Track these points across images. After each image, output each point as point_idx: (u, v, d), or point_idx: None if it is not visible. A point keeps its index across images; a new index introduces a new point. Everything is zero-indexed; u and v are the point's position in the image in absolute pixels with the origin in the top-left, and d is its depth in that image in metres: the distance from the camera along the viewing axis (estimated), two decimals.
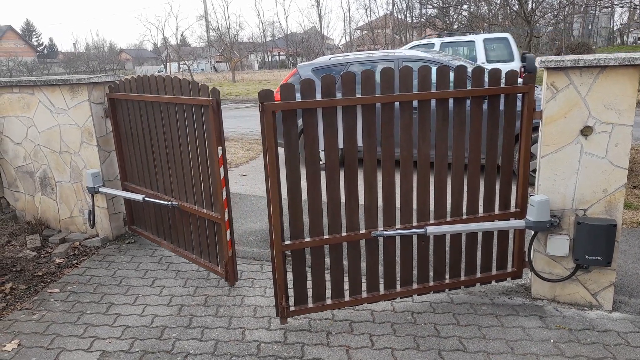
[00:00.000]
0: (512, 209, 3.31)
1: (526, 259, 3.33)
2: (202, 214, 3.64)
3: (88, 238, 4.56)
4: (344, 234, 3.01)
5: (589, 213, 3.02)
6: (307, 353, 2.79)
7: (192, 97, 3.42)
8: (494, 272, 3.39)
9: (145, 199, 4.04)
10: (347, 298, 3.14)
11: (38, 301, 3.52)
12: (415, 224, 3.12)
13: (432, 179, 5.29)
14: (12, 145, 4.79)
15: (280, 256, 2.89)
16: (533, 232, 3.12)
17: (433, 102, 4.39)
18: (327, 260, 3.77)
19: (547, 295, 3.24)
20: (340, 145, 2.89)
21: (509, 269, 3.41)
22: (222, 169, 3.35)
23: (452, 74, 4.87)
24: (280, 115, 2.80)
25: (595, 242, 2.94)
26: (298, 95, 7.18)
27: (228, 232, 3.47)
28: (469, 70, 5.62)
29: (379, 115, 3.22)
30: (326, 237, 2.98)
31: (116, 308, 3.38)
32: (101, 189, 4.24)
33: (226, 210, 3.42)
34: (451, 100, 3.15)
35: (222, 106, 17.59)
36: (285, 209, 5.15)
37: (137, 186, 4.38)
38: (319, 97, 7.20)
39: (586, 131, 2.92)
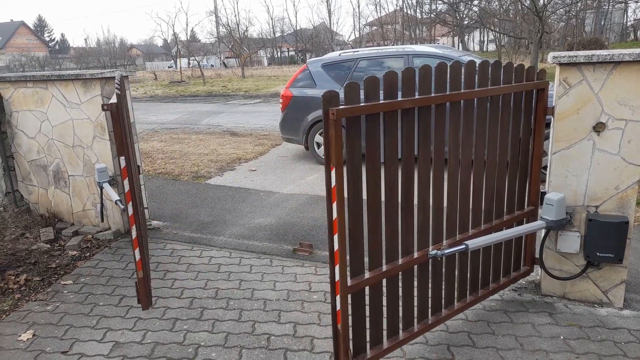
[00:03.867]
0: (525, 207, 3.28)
1: (537, 256, 3.32)
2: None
3: (100, 231, 4.62)
4: (400, 261, 2.57)
5: (601, 210, 3.01)
6: None
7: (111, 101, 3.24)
8: (512, 274, 3.32)
9: (117, 200, 3.94)
10: (401, 336, 2.67)
11: (52, 292, 3.58)
12: (457, 237, 2.83)
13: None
14: (26, 139, 4.85)
15: (346, 300, 2.33)
16: (545, 230, 3.11)
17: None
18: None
19: (557, 292, 3.24)
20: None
21: (522, 268, 3.38)
22: (126, 182, 3.02)
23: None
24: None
25: (606, 239, 2.93)
26: (307, 91, 7.20)
27: (137, 251, 3.13)
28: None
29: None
30: (384, 269, 2.51)
31: (128, 300, 3.42)
32: (104, 185, 4.23)
33: (134, 227, 3.08)
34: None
35: (231, 102, 17.59)
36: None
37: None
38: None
39: (599, 127, 2.90)
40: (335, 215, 2.21)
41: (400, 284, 2.59)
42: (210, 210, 5.31)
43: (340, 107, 2.13)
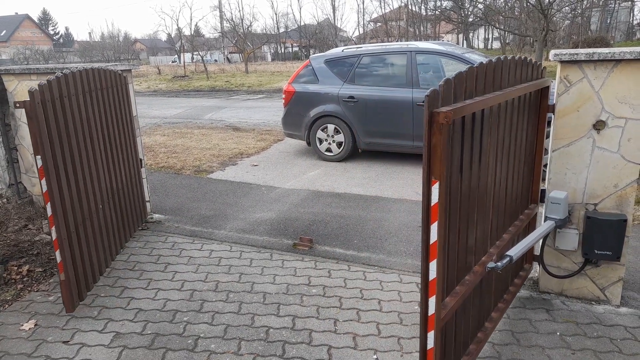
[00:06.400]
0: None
1: (536, 254, 3.33)
2: None
3: None
4: (467, 278, 2.33)
5: (599, 208, 3.02)
6: None
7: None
8: (521, 274, 3.30)
9: None
10: None
11: (54, 283, 3.62)
12: (497, 243, 2.69)
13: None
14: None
15: (439, 336, 2.03)
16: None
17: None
18: None
19: (554, 289, 3.25)
20: None
21: (525, 267, 3.38)
22: (44, 182, 2.93)
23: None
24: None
25: (605, 237, 2.94)
26: (310, 86, 7.20)
27: (58, 252, 3.09)
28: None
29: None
30: (457, 291, 2.24)
31: (129, 292, 3.46)
32: None
33: (53, 228, 3.04)
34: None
35: (234, 97, 17.55)
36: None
37: None
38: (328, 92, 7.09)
39: (599, 125, 2.91)
40: (434, 238, 1.87)
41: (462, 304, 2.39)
42: (211, 204, 5.34)
43: (451, 107, 1.81)
